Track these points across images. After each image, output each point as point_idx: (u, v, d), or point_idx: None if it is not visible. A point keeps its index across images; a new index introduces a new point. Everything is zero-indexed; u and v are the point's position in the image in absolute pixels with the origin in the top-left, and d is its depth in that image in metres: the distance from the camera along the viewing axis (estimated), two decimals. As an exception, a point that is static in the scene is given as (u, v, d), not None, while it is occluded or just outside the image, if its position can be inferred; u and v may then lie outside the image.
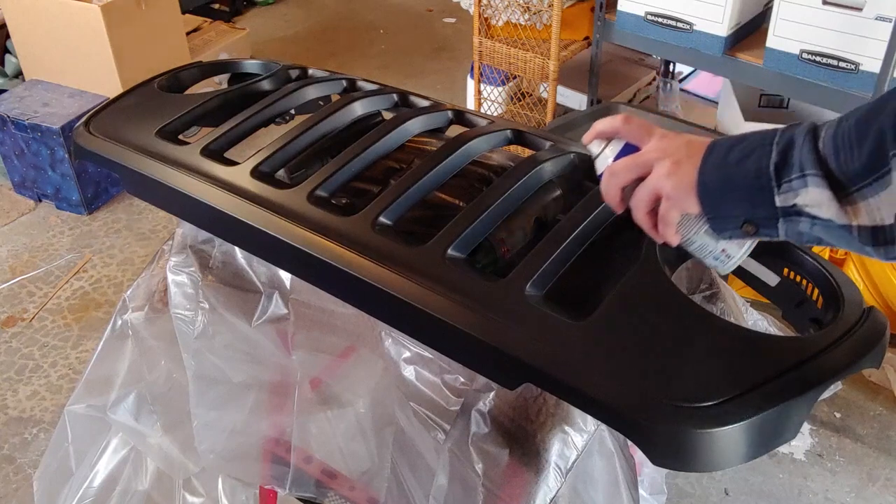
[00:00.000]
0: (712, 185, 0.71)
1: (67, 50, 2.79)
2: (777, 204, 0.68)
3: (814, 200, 0.65)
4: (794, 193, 0.66)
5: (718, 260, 0.78)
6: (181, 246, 1.11)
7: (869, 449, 1.89)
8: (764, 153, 0.68)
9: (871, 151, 0.62)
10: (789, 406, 0.69)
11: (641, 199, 0.77)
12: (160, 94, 1.18)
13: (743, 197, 0.70)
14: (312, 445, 1.14)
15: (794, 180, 0.66)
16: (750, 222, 0.70)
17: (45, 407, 1.99)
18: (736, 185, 0.70)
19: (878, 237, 0.64)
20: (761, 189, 0.68)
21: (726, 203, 0.71)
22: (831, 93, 2.13)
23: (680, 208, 0.74)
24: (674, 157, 0.74)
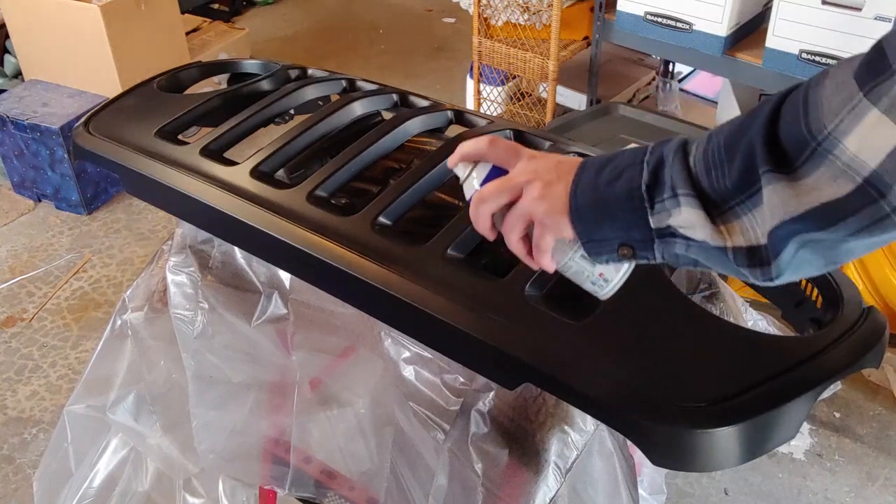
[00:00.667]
0: (585, 209, 0.68)
1: (67, 50, 2.79)
2: (651, 225, 0.65)
3: (687, 222, 0.63)
4: (668, 213, 0.64)
5: (596, 285, 0.74)
6: (181, 246, 1.11)
7: (868, 448, 1.89)
8: (635, 172, 0.65)
9: (742, 169, 0.60)
10: (789, 406, 0.69)
11: (513, 225, 0.72)
12: (159, 94, 1.18)
13: (617, 219, 0.66)
14: (312, 445, 1.14)
15: (666, 200, 0.63)
16: (626, 245, 0.67)
17: (45, 407, 1.99)
18: (609, 207, 0.67)
19: (754, 258, 0.61)
20: (634, 210, 0.65)
21: (600, 227, 0.68)
22: (831, 93, 2.12)
23: (554, 233, 0.71)
24: (544, 179, 0.70)
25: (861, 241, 0.57)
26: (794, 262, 0.60)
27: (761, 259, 0.61)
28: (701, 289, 1.07)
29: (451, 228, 0.87)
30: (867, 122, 0.53)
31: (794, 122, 0.56)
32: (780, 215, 0.58)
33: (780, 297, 0.92)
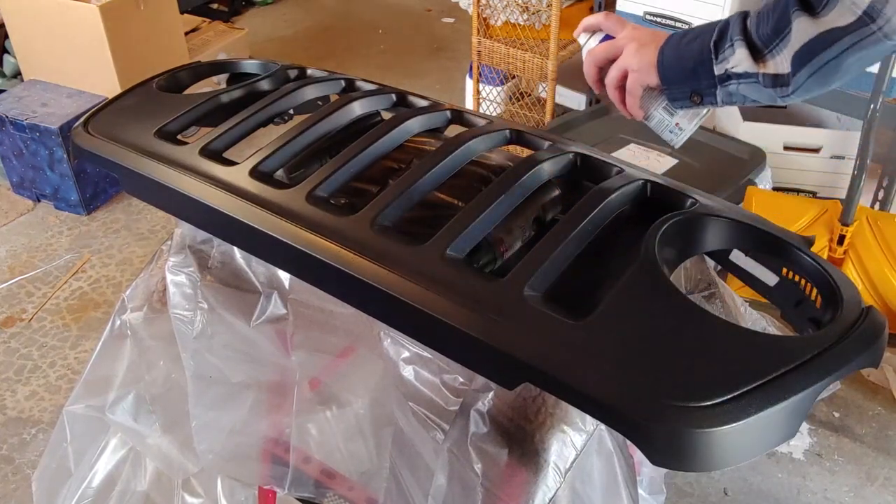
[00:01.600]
0: (668, 62, 0.91)
1: (66, 50, 2.79)
2: (715, 73, 0.87)
3: (737, 60, 0.85)
4: (727, 61, 0.86)
5: (673, 133, 0.97)
6: (180, 246, 1.11)
7: (868, 448, 1.89)
8: (707, 35, 0.87)
9: (779, 16, 0.82)
10: (788, 405, 0.69)
11: (613, 75, 0.97)
12: (159, 94, 1.18)
13: (690, 70, 0.89)
14: (311, 445, 1.14)
15: (726, 49, 0.86)
16: (696, 93, 0.90)
17: (44, 407, 1.99)
18: (686, 60, 0.89)
19: (777, 81, 0.84)
20: (703, 62, 0.87)
21: (678, 76, 0.90)
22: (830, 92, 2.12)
23: (642, 82, 0.94)
24: (640, 41, 0.94)
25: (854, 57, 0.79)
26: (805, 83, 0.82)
27: (783, 82, 0.83)
28: (700, 288, 1.08)
29: (450, 228, 0.87)
30: None
31: None
32: (801, 39, 0.80)
33: (779, 296, 0.92)
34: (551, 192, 1.00)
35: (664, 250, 0.84)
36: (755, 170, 2.15)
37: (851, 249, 2.12)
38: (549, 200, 1.00)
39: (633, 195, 0.95)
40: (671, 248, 0.87)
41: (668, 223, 0.87)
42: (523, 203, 0.94)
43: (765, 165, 2.18)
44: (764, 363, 0.71)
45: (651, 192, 0.96)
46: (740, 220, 0.91)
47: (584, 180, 1.00)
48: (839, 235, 2.10)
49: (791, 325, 0.92)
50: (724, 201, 0.96)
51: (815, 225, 2.16)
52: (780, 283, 0.92)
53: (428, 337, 0.85)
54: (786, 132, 2.39)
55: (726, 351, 0.74)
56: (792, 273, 0.90)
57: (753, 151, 2.19)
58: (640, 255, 0.82)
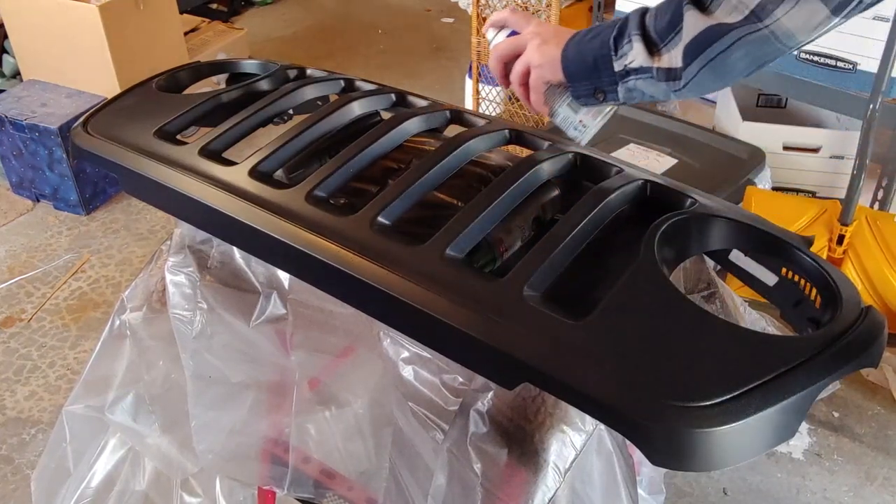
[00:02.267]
0: (571, 59, 0.91)
1: (65, 50, 2.79)
2: (615, 69, 0.87)
3: (634, 55, 0.85)
4: (625, 56, 0.86)
5: (578, 130, 0.98)
6: (179, 246, 1.11)
7: (867, 448, 1.89)
8: (608, 31, 0.88)
9: (673, 11, 0.82)
10: (787, 405, 0.69)
11: (516, 70, 0.97)
12: (158, 94, 1.18)
13: (592, 67, 0.89)
14: (311, 445, 1.14)
15: (625, 45, 0.86)
16: (599, 90, 0.90)
17: (44, 407, 1.99)
18: (587, 57, 0.89)
19: (670, 74, 0.84)
20: (604, 59, 0.88)
21: (581, 73, 0.90)
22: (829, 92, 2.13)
23: (544, 77, 0.94)
24: (543, 37, 0.94)
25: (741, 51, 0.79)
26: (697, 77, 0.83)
27: (675, 75, 0.84)
28: (700, 288, 1.08)
29: (449, 228, 0.87)
30: None
31: None
32: (691, 33, 0.81)
33: (778, 296, 0.92)
34: (551, 192, 1.00)
35: (663, 250, 0.84)
36: (755, 170, 2.15)
37: (851, 249, 2.12)
38: (548, 200, 1.00)
39: (633, 195, 0.95)
40: (670, 247, 0.87)
41: (668, 223, 0.87)
42: (523, 203, 0.94)
43: (764, 165, 2.18)
44: (763, 363, 0.71)
45: (650, 192, 0.96)
46: (740, 219, 0.91)
47: (584, 180, 1.00)
48: (838, 235, 2.10)
49: (790, 324, 0.92)
50: (724, 201, 0.96)
51: (814, 225, 2.16)
52: (779, 283, 0.92)
53: (427, 337, 0.85)
54: (785, 132, 2.39)
55: (726, 351, 0.74)
56: (791, 273, 0.90)
57: (753, 151, 2.19)
58: (640, 255, 0.82)
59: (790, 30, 0.76)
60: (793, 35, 0.77)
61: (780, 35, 0.77)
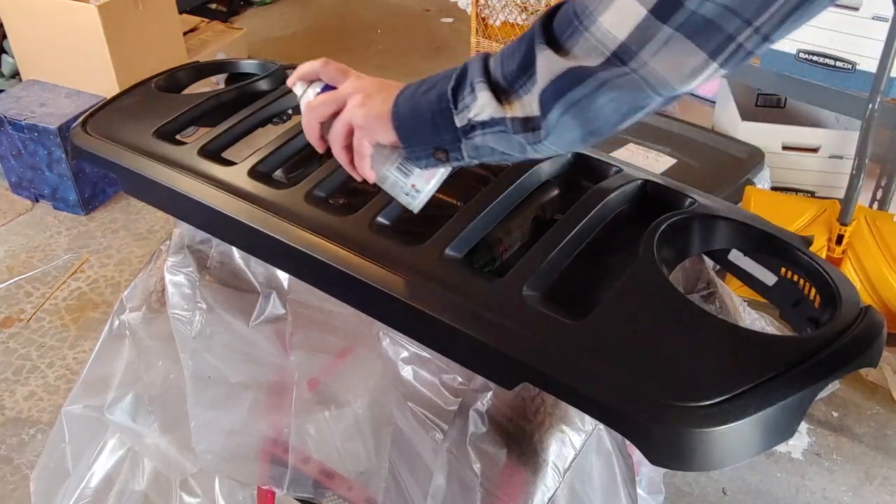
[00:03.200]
0: (405, 117, 0.77)
1: (64, 50, 2.79)
2: (457, 125, 0.74)
3: (480, 106, 0.72)
4: (468, 109, 0.73)
5: (409, 195, 0.84)
6: (179, 246, 1.11)
7: (866, 448, 1.89)
8: (445, 82, 0.75)
9: (525, 51, 0.70)
10: (786, 405, 0.69)
11: (336, 131, 0.83)
12: (157, 94, 1.18)
13: (430, 124, 0.76)
14: (310, 445, 1.14)
15: (466, 97, 0.73)
16: (439, 149, 0.77)
17: (43, 407, 1.99)
18: (423, 113, 0.76)
19: (528, 125, 0.71)
20: (442, 112, 0.74)
21: (417, 132, 0.77)
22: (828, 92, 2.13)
23: (371, 138, 0.81)
24: (366, 92, 0.81)
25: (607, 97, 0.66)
26: (558, 125, 0.69)
27: (533, 125, 0.71)
28: (699, 288, 1.08)
29: (448, 228, 0.87)
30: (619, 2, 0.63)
31: (566, 10, 0.68)
32: (547, 76, 0.68)
33: (778, 296, 0.92)
34: (550, 192, 1.00)
35: (663, 250, 0.84)
36: (754, 169, 2.15)
37: (850, 249, 2.12)
38: (547, 200, 1.00)
39: (632, 195, 0.95)
40: (670, 247, 0.87)
41: (667, 223, 0.87)
42: (522, 203, 0.94)
43: (763, 165, 2.18)
44: (762, 363, 0.71)
45: (649, 192, 0.96)
46: (739, 219, 0.91)
47: (583, 180, 1.00)
48: (837, 235, 2.11)
49: (790, 324, 0.92)
50: (723, 201, 0.96)
51: (813, 225, 2.16)
52: (778, 283, 0.92)
53: (427, 337, 0.85)
54: (784, 132, 2.39)
55: (725, 351, 0.74)
56: (790, 273, 0.90)
57: (752, 151, 2.19)
58: (639, 255, 0.82)
59: (662, 76, 0.64)
60: (667, 83, 0.65)
61: (652, 82, 0.65)
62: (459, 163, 0.78)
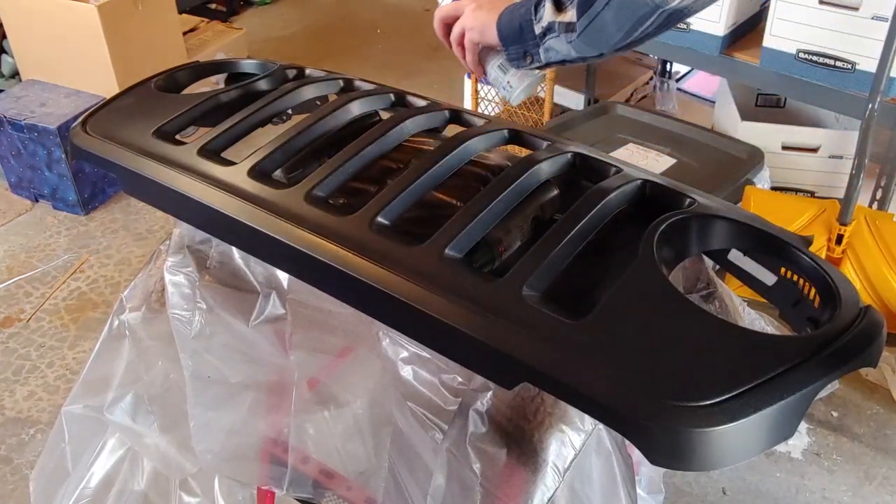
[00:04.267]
0: (504, 25, 1.00)
1: (64, 50, 2.79)
2: (535, 32, 0.96)
3: (546, 16, 0.94)
4: (542, 20, 0.95)
5: (506, 90, 1.07)
6: (178, 246, 1.11)
7: (866, 448, 1.89)
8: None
9: None
10: (786, 405, 0.69)
11: (454, 32, 1.07)
12: (157, 94, 1.18)
13: (519, 32, 0.98)
14: (310, 445, 1.14)
15: (540, 9, 0.95)
16: (527, 52, 0.99)
17: (42, 407, 1.99)
18: (516, 23, 0.99)
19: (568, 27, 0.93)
20: (527, 23, 0.97)
21: (512, 38, 1.00)
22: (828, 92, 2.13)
23: (475, 40, 1.05)
24: (478, 3, 1.04)
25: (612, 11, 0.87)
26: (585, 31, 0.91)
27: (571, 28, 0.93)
28: (699, 288, 1.08)
29: (448, 228, 0.87)
30: None
31: None
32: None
33: (777, 296, 0.92)
34: (550, 192, 1.00)
35: (662, 250, 0.84)
36: (753, 169, 2.15)
37: (849, 249, 2.12)
38: (547, 200, 1.00)
39: (632, 195, 0.95)
40: (670, 247, 0.87)
41: (667, 223, 0.87)
42: (522, 203, 0.94)
43: (763, 165, 2.18)
44: (762, 363, 0.71)
45: (649, 192, 0.96)
46: (739, 219, 0.91)
47: (583, 180, 1.00)
48: (837, 235, 2.11)
49: (789, 324, 0.92)
50: (723, 201, 0.96)
51: (813, 224, 2.16)
52: (778, 283, 0.92)
53: (426, 337, 0.85)
54: (784, 132, 2.39)
55: (725, 350, 0.74)
56: (790, 272, 0.90)
57: (752, 151, 2.19)
58: (639, 255, 0.82)
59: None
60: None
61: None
62: (540, 63, 1.00)
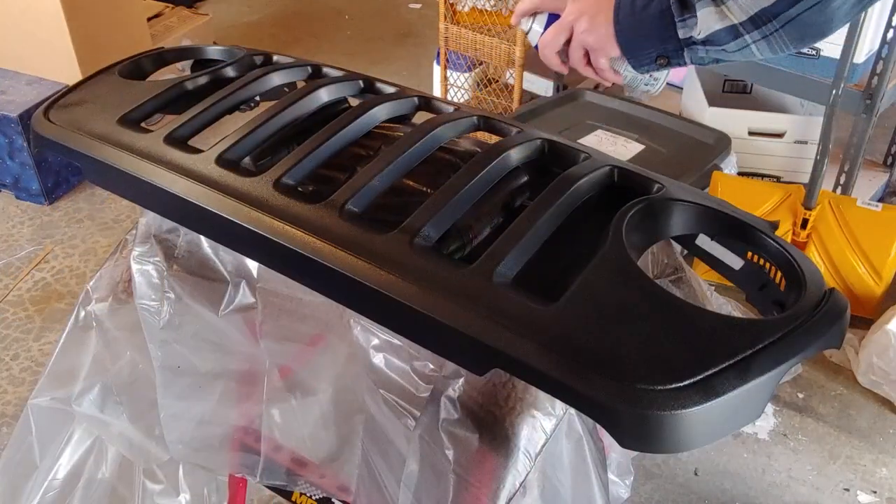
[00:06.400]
0: (628, 33, 0.88)
1: (25, 36, 2.73)
2: (680, 37, 0.84)
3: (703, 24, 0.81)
4: (690, 28, 0.83)
5: (649, 85, 0.98)
6: (145, 235, 1.10)
7: (830, 428, 1.93)
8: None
9: None
10: (753, 387, 0.70)
11: (575, 57, 0.95)
12: (121, 82, 1.16)
13: (653, 37, 0.86)
14: (282, 434, 1.14)
15: (688, 19, 0.82)
16: (662, 56, 0.88)
17: (8, 400, 1.96)
18: (646, 28, 0.86)
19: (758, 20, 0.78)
20: (666, 27, 0.84)
21: (641, 44, 0.88)
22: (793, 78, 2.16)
23: (605, 55, 0.92)
24: (588, 14, 0.90)
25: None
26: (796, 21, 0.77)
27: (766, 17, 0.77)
28: (667, 273, 1.09)
29: (418, 215, 0.87)
30: None
31: None
32: None
33: (744, 280, 0.93)
34: (519, 179, 1.00)
35: (631, 235, 0.85)
36: (720, 155, 2.17)
37: (814, 233, 2.16)
38: (517, 187, 1.00)
39: (601, 181, 0.95)
40: (638, 233, 0.88)
41: (635, 209, 0.88)
42: (492, 189, 0.94)
43: (730, 151, 2.20)
44: (730, 345, 0.72)
45: (618, 178, 0.96)
46: (706, 205, 0.92)
47: (552, 166, 1.00)
48: (802, 219, 2.14)
49: (756, 307, 0.93)
50: (690, 187, 0.97)
51: (779, 209, 2.19)
52: (745, 267, 0.93)
53: (397, 324, 0.85)
54: (750, 117, 2.42)
55: (692, 334, 0.75)
56: (757, 257, 0.91)
57: (719, 137, 2.21)
58: (608, 241, 0.83)
59: None
60: None
61: None
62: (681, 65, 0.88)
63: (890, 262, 2.10)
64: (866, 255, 2.10)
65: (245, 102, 1.13)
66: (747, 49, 0.81)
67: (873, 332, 1.99)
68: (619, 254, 0.82)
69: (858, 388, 2.02)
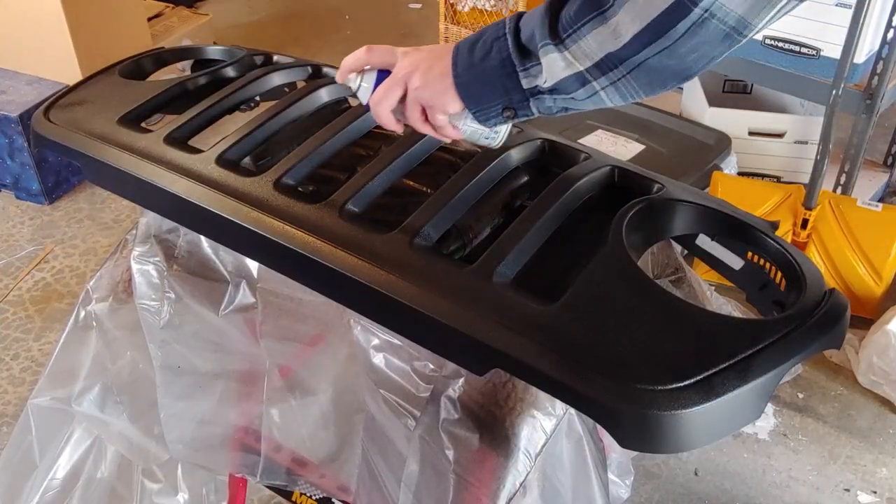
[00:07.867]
0: (470, 86, 0.79)
1: (25, 36, 2.73)
2: (524, 87, 0.76)
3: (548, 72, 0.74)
4: (535, 77, 0.75)
5: (489, 139, 0.87)
6: (145, 235, 1.10)
7: (830, 428, 1.93)
8: (503, 45, 0.77)
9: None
10: (753, 387, 0.70)
11: (412, 115, 0.85)
12: (122, 82, 1.16)
13: (497, 87, 0.78)
14: (282, 434, 1.14)
15: (531, 67, 0.75)
16: (508, 108, 0.79)
17: (8, 400, 1.96)
18: (488, 78, 0.78)
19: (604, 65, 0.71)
20: (509, 76, 0.76)
21: (485, 96, 0.79)
22: (793, 78, 2.15)
23: (442, 110, 0.83)
24: (421, 68, 0.82)
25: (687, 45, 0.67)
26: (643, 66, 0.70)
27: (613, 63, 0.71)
28: (667, 273, 1.09)
29: (419, 215, 0.87)
30: None
31: None
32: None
33: (744, 280, 0.93)
34: (520, 179, 1.00)
35: (631, 235, 0.85)
36: (721, 155, 2.17)
37: (814, 233, 2.15)
38: (517, 187, 1.00)
39: (601, 181, 0.95)
40: (638, 233, 0.88)
41: (635, 209, 0.88)
42: (492, 190, 0.94)
43: (730, 151, 2.20)
44: (730, 345, 0.72)
45: (618, 178, 0.97)
46: (706, 205, 0.92)
47: (552, 167, 1.00)
48: (802, 219, 2.14)
49: (756, 308, 0.93)
50: (690, 187, 0.97)
51: (779, 209, 2.19)
52: (745, 267, 0.93)
53: (398, 324, 0.85)
54: (750, 118, 2.42)
55: (693, 334, 0.75)
56: (757, 257, 0.91)
57: (719, 137, 2.21)
58: (608, 241, 0.83)
59: None
60: None
61: None
62: (528, 117, 0.80)
63: (890, 262, 2.09)
64: (866, 256, 2.10)
65: (245, 102, 1.13)
66: (596, 96, 0.74)
67: (873, 332, 1.99)
68: (619, 254, 0.82)
69: (858, 388, 2.01)
